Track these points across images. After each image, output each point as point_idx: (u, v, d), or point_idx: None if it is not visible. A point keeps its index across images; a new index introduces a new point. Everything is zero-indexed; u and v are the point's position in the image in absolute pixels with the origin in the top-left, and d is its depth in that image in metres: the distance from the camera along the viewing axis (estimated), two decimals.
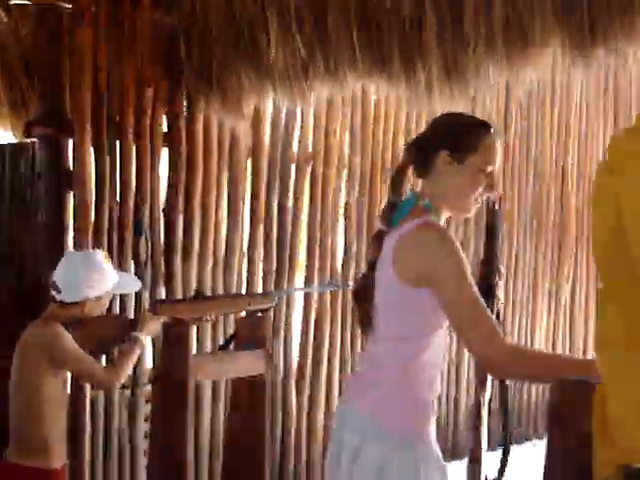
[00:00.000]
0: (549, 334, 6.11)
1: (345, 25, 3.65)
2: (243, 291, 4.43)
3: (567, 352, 6.25)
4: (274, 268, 4.58)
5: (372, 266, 2.17)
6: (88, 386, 3.81)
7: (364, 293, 2.18)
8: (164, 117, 4.25)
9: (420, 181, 2.23)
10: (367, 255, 2.22)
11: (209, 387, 4.20)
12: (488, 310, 2.03)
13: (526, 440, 5.76)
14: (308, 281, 4.70)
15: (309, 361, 4.72)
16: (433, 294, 2.05)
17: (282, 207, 4.60)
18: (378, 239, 2.18)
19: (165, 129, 4.25)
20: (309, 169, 4.74)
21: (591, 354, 6.44)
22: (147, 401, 3.95)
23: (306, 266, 4.77)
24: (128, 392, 4.01)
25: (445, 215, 2.20)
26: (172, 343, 2.76)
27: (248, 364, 2.90)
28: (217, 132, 4.36)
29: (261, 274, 4.57)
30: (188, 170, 4.27)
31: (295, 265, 4.67)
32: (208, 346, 4.18)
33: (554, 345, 6.16)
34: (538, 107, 5.95)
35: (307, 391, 4.69)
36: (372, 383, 2.13)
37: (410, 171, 2.23)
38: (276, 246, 4.58)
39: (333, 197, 4.82)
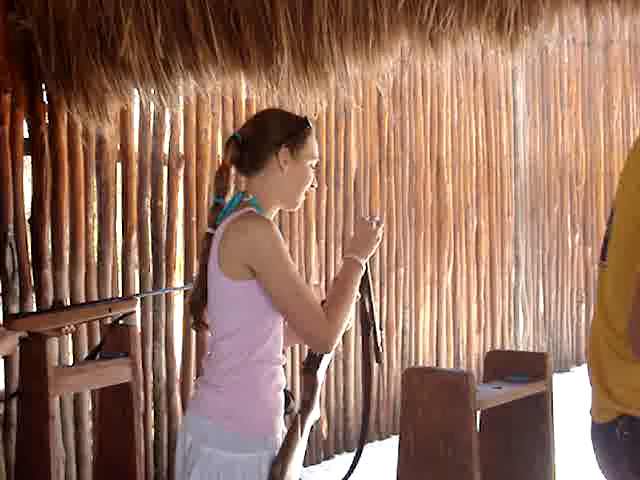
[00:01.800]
0: (433, 321, 6.21)
1: (203, 20, 3.61)
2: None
3: (451, 338, 6.38)
4: (150, 272, 4.51)
5: (204, 270, 2.14)
6: None
7: (199, 301, 2.15)
8: (25, 123, 4.12)
9: (245, 179, 2.22)
10: (199, 261, 2.20)
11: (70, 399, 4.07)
12: (309, 291, 2.07)
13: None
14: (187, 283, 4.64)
15: (192, 364, 4.66)
16: (258, 283, 2.06)
17: (155, 210, 4.54)
18: (207, 242, 2.16)
19: (27, 136, 4.12)
20: (182, 170, 4.68)
21: (474, 339, 6.58)
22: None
23: (184, 268, 4.71)
24: None
25: (273, 211, 2.20)
26: (29, 358, 2.67)
27: (112, 373, 2.84)
28: (82, 136, 4.25)
29: (137, 279, 4.50)
30: (54, 177, 4.15)
31: (172, 268, 4.60)
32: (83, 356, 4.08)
33: (438, 332, 6.26)
34: (410, 98, 6.04)
35: (192, 393, 4.63)
36: (212, 385, 2.11)
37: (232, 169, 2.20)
38: (151, 250, 4.51)
39: (208, 197, 4.77)
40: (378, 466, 5.01)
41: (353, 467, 2.28)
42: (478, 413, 2.24)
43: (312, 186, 2.23)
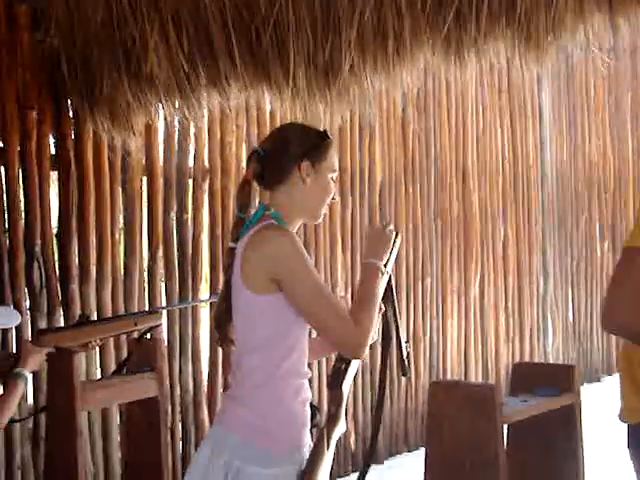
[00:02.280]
0: (460, 333, 6.17)
1: (225, 35, 3.63)
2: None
3: (480, 349, 6.33)
4: (177, 286, 4.52)
5: (228, 284, 2.15)
6: None
7: (224, 315, 2.15)
8: (51, 139, 4.15)
9: (267, 193, 2.22)
10: (223, 276, 2.20)
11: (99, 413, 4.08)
12: (335, 297, 2.09)
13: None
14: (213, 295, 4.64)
15: (219, 377, 4.66)
16: (284, 295, 2.06)
17: (181, 224, 4.55)
18: (230, 257, 2.15)
19: (53, 151, 4.16)
20: (207, 184, 4.70)
21: (503, 350, 6.53)
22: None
23: (210, 281, 4.72)
24: (29, 424, 3.89)
25: (296, 224, 2.20)
26: (56, 374, 2.68)
27: (139, 388, 2.84)
28: (108, 152, 4.28)
29: (164, 293, 4.51)
30: (80, 192, 4.17)
31: (198, 281, 4.61)
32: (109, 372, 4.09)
33: (466, 343, 6.22)
34: (435, 107, 6.02)
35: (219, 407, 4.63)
36: (240, 401, 2.10)
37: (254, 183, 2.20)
38: (177, 263, 4.52)
39: (233, 210, 4.77)
40: (406, 478, 4.98)
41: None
42: (505, 427, 2.22)
43: (333, 199, 2.23)
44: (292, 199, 2.17)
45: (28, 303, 3.97)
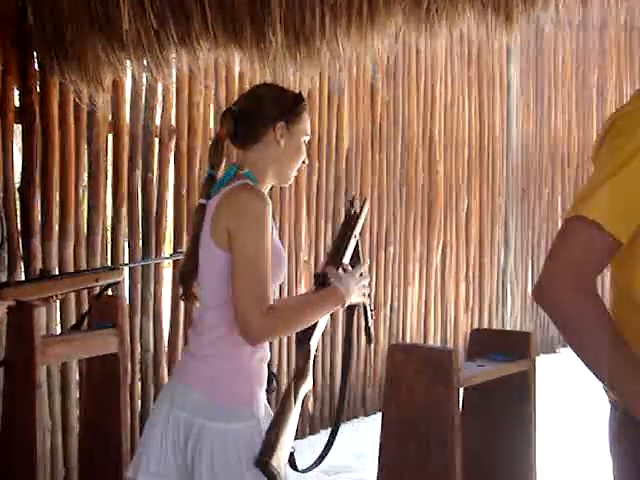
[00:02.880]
0: (421, 300, 6.24)
1: None
2: None
3: (439, 317, 6.41)
4: (140, 244, 4.51)
5: (195, 241, 2.15)
6: None
7: (189, 272, 2.16)
8: (16, 92, 4.09)
9: (239, 152, 2.23)
10: (189, 231, 2.19)
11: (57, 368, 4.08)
12: (268, 280, 2.05)
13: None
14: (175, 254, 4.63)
15: (180, 337, 4.67)
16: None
17: (146, 182, 4.53)
18: (199, 213, 2.16)
19: (17, 104, 4.10)
20: (173, 143, 4.67)
21: (462, 318, 6.61)
22: None
23: (174, 241, 4.72)
24: None
25: (267, 185, 2.22)
26: (16, 327, 2.67)
27: (99, 344, 2.85)
28: (74, 107, 4.23)
29: (127, 251, 4.50)
30: (44, 147, 4.13)
31: (162, 241, 4.60)
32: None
33: (426, 311, 6.29)
34: (404, 76, 6.02)
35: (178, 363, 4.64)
36: (200, 357, 2.12)
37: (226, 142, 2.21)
38: (141, 221, 4.51)
39: (200, 170, 4.76)
40: (363, 441, 5.05)
41: (330, 444, 2.29)
42: (461, 392, 2.26)
43: (303, 162, 2.24)
44: (265, 159, 2.18)
45: None
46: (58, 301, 3.27)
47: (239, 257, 2.05)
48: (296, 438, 5.35)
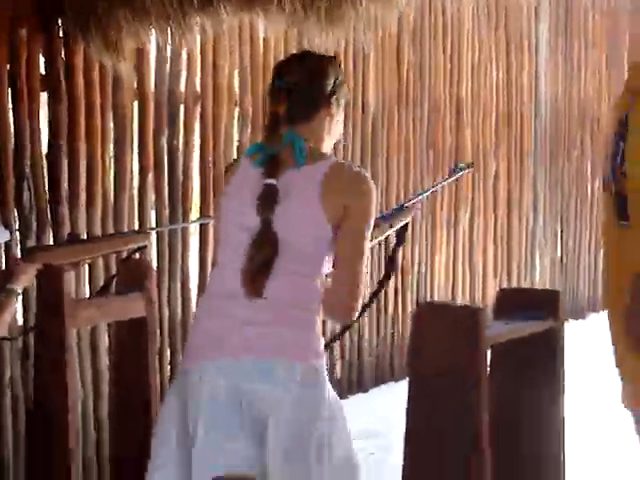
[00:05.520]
0: (449, 263, 6.21)
1: None
2: None
3: (467, 280, 6.38)
4: (167, 211, 4.52)
5: (270, 229, 2.11)
6: None
7: (264, 265, 2.11)
8: (41, 59, 4.10)
9: (290, 124, 2.19)
10: (263, 212, 2.12)
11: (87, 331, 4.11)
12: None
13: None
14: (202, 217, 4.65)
15: None
16: (339, 230, 2.11)
17: (172, 149, 4.53)
18: (273, 194, 2.10)
19: (43, 72, 4.11)
20: (198, 109, 4.66)
21: (490, 281, 6.58)
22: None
23: (200, 207, 4.72)
24: (18, 344, 3.92)
25: None
26: (46, 291, 2.70)
27: (128, 307, 2.86)
28: (100, 75, 4.23)
29: (154, 218, 4.51)
30: (70, 114, 4.14)
31: (188, 207, 4.61)
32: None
33: (454, 276, 6.27)
34: (430, 37, 5.96)
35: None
36: (293, 325, 2.09)
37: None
38: (168, 188, 4.51)
39: (225, 136, 4.76)
40: (391, 407, 5.06)
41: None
42: (489, 351, 2.25)
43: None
44: (321, 131, 2.19)
45: (17, 224, 3.97)
46: (87, 265, 3.29)
47: (355, 239, 2.10)
48: None
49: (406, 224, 2.64)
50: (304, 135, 2.15)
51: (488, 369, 2.18)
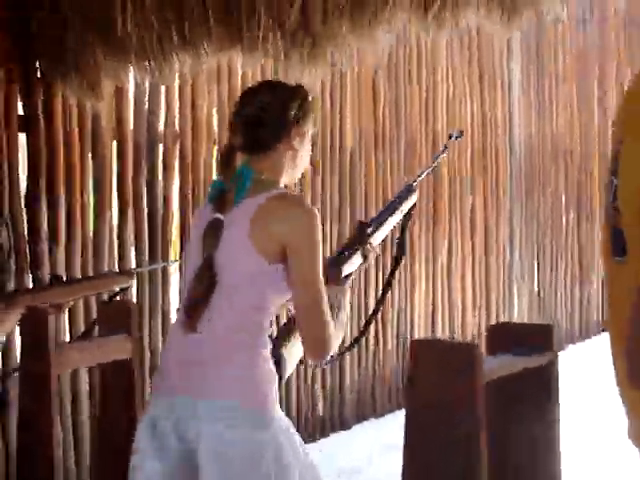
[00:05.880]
0: (428, 299, 6.22)
1: None
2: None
3: (447, 315, 6.38)
4: (147, 250, 4.49)
5: (210, 262, 2.04)
6: None
7: (201, 300, 2.05)
8: (19, 101, 4.08)
9: (248, 157, 2.12)
10: (205, 248, 2.05)
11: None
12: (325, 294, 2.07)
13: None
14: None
15: None
16: (287, 268, 2.03)
17: (151, 187, 4.52)
18: (216, 229, 2.04)
19: (21, 113, 4.09)
20: (177, 146, 4.66)
21: (469, 316, 6.59)
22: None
23: (181, 245, 4.70)
24: None
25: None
26: (30, 336, 2.65)
27: (113, 350, 2.82)
28: (78, 114, 4.22)
29: (133, 255, 4.48)
30: (49, 155, 4.12)
31: (168, 243, 4.59)
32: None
33: (434, 309, 6.26)
34: (405, 75, 6.01)
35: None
36: (226, 363, 2.03)
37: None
38: (147, 226, 4.49)
39: (205, 174, 4.75)
40: (374, 444, 5.02)
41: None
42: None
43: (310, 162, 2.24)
44: (281, 163, 2.10)
45: None
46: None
47: (304, 274, 2.01)
48: (306, 441, 5.32)
49: (414, 205, 2.62)
50: (261, 168, 2.08)
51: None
